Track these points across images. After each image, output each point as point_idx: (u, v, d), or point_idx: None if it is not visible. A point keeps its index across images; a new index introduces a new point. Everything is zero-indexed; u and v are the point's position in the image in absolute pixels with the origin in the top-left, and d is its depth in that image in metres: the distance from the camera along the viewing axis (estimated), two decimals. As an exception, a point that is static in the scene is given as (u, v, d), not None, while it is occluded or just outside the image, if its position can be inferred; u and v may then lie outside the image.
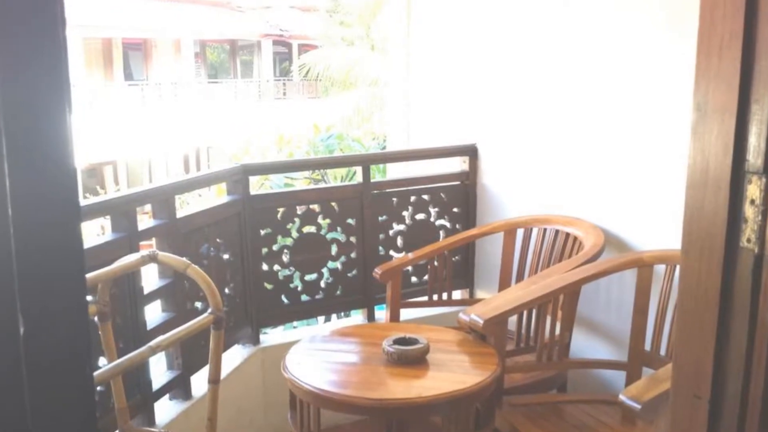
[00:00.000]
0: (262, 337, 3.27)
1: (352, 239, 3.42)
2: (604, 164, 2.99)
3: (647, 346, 2.67)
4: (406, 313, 3.35)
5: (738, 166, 0.87)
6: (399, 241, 3.54)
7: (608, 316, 3.01)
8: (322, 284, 3.38)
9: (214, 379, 2.05)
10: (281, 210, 3.23)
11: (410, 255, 3.31)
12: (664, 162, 2.71)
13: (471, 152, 3.63)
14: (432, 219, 3.61)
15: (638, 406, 1.66)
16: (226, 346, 2.96)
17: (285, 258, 3.26)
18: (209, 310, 1.97)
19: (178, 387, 2.73)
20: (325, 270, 3.39)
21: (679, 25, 2.55)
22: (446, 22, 3.78)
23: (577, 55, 3.06)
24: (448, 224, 3.64)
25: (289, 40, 24.35)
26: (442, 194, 3.61)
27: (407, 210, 3.54)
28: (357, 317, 3.62)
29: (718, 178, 0.89)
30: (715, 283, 0.91)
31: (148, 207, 2.74)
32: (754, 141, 0.85)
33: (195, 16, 20.77)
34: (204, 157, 21.00)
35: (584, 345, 3.05)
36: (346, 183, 6.92)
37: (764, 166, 0.85)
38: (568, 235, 3.05)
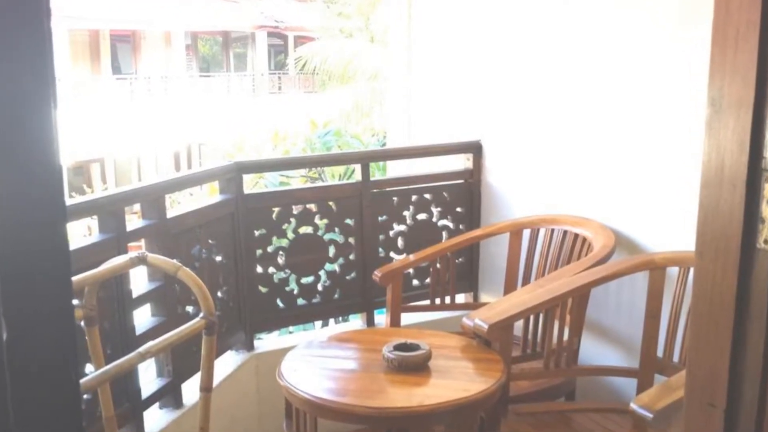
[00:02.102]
0: (256, 342, 3.26)
1: (351, 240, 3.39)
2: (614, 162, 2.96)
3: (659, 353, 2.64)
4: (407, 318, 3.32)
5: (755, 163, 0.85)
6: (400, 243, 3.51)
7: (619, 320, 2.99)
8: (320, 287, 3.36)
9: (206, 387, 2.02)
10: (276, 210, 3.20)
11: (411, 257, 3.29)
12: (677, 159, 2.69)
13: (475, 149, 3.61)
14: (434, 219, 3.58)
15: (650, 416, 1.64)
16: (219, 353, 2.94)
17: (280, 260, 3.24)
18: (201, 315, 1.93)
19: (169, 395, 2.71)
20: (322, 272, 3.37)
21: (692, 16, 2.53)
22: (449, 14, 3.75)
23: (585, 49, 3.03)
24: (451, 225, 3.61)
25: (285, 32, 24.15)
26: (444, 193, 3.58)
27: (408, 210, 3.52)
28: (356, 322, 3.61)
29: (734, 176, 0.87)
30: (731, 286, 0.89)
31: (137, 207, 2.72)
32: (771, 138, 0.83)
33: (186, 7, 20.48)
34: (195, 154, 20.87)
35: (593, 351, 3.02)
36: (345, 182, 6.89)
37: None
38: (576, 235, 3.02)
